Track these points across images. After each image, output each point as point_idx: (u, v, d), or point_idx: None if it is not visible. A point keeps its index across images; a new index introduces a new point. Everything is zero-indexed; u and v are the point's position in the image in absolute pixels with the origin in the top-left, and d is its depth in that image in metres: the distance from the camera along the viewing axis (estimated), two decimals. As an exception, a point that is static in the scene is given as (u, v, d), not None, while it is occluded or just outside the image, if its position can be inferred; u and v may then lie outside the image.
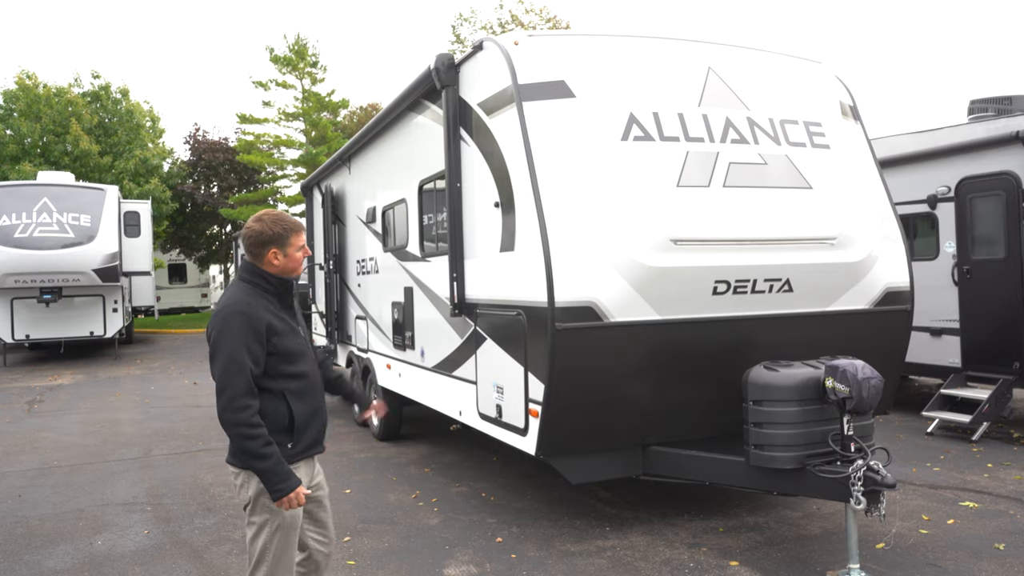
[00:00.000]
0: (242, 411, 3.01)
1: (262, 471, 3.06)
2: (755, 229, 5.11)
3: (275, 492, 3.06)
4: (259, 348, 3.08)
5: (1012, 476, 6.58)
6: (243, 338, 3.05)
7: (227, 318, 3.09)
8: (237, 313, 3.09)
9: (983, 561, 4.75)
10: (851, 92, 6.11)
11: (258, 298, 3.19)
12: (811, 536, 5.27)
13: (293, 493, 3.08)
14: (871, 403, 4.37)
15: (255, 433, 3.02)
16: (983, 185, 8.30)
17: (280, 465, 3.06)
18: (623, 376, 4.95)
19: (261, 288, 3.24)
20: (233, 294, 3.20)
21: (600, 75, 5.17)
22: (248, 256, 3.30)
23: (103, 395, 13.00)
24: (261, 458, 3.03)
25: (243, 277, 3.28)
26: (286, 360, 3.18)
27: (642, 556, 4.97)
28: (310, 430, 3.28)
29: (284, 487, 3.06)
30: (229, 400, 3.01)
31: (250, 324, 3.07)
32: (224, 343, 3.05)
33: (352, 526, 5.77)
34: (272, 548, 3.17)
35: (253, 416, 3.03)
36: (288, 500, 3.09)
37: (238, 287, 3.24)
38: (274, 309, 3.22)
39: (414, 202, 7.14)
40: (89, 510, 6.38)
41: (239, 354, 3.03)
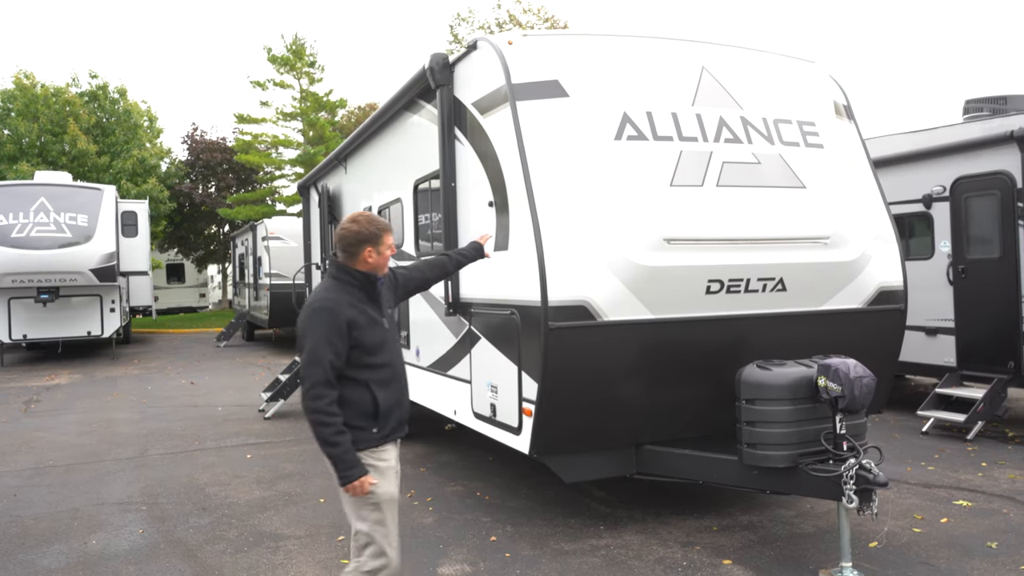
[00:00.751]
0: (318, 399, 3.24)
1: (331, 457, 3.28)
2: (748, 228, 5.13)
3: (342, 478, 3.28)
4: (340, 342, 3.28)
5: (1006, 475, 6.60)
6: (326, 333, 3.27)
7: (313, 313, 3.34)
8: (322, 309, 3.33)
9: (975, 560, 4.76)
10: (845, 92, 6.13)
11: (344, 294, 3.40)
12: (804, 535, 5.28)
13: (358, 481, 3.27)
14: (863, 402, 4.38)
15: (329, 421, 3.24)
16: (978, 185, 8.31)
17: (349, 454, 3.27)
18: (617, 375, 4.96)
19: (348, 284, 3.45)
20: (321, 291, 3.44)
21: (594, 74, 5.17)
22: (342, 255, 3.50)
23: (100, 395, 12.99)
24: (332, 445, 3.25)
25: (332, 274, 3.50)
26: (368, 352, 3.37)
27: (636, 555, 4.98)
28: (394, 415, 3.48)
29: (350, 475, 3.27)
30: (307, 389, 3.26)
31: (333, 320, 3.29)
32: (309, 336, 3.30)
33: (347, 525, 5.71)
34: (375, 525, 3.39)
35: (329, 405, 3.25)
36: (353, 487, 3.28)
37: (327, 284, 3.47)
38: (359, 304, 3.41)
39: (409, 202, 7.14)
40: (84, 509, 6.38)
41: (320, 347, 3.25)
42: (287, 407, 10.89)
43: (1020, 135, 7.73)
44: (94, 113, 27.89)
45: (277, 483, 7.02)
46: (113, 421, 10.47)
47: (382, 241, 3.50)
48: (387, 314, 3.57)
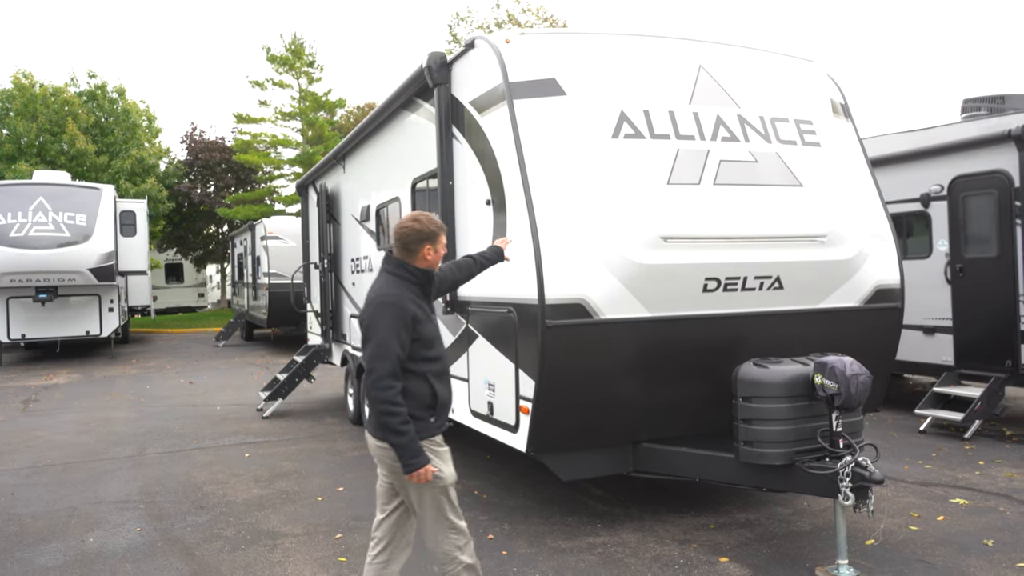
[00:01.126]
0: (386, 390, 3.35)
1: (398, 446, 3.38)
2: (745, 227, 5.13)
3: (407, 466, 3.39)
4: (406, 335, 3.42)
5: (1003, 473, 6.61)
6: (393, 326, 3.39)
7: (379, 308, 3.45)
8: (388, 304, 3.45)
9: (971, 557, 4.76)
10: (842, 90, 6.13)
11: (404, 290, 3.53)
12: (801, 532, 5.28)
13: (423, 469, 3.40)
14: (859, 399, 4.39)
15: (396, 411, 3.36)
16: (976, 184, 8.32)
17: (415, 442, 3.39)
18: (614, 373, 4.97)
19: (407, 280, 3.57)
20: (383, 286, 3.54)
21: (591, 73, 5.18)
22: (400, 252, 3.62)
23: (98, 394, 12.99)
24: (399, 434, 3.36)
25: (390, 271, 3.61)
26: (426, 345, 3.51)
27: (632, 552, 4.98)
28: (447, 406, 3.64)
29: (415, 463, 3.39)
30: (375, 380, 3.36)
31: (399, 314, 3.42)
32: (376, 330, 3.41)
33: (344, 523, 5.78)
34: (443, 502, 3.57)
35: (396, 395, 3.36)
36: (418, 475, 3.40)
37: (386, 280, 3.57)
38: (417, 299, 3.55)
39: (407, 200, 7.15)
40: (82, 508, 6.39)
41: (388, 340, 3.37)
42: (285, 406, 10.90)
43: (1017, 134, 7.74)
44: (93, 113, 27.85)
45: (275, 482, 7.03)
46: (111, 420, 10.47)
47: (439, 240, 3.65)
48: (434, 309, 3.73)
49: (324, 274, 10.42)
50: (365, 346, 3.46)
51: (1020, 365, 7.88)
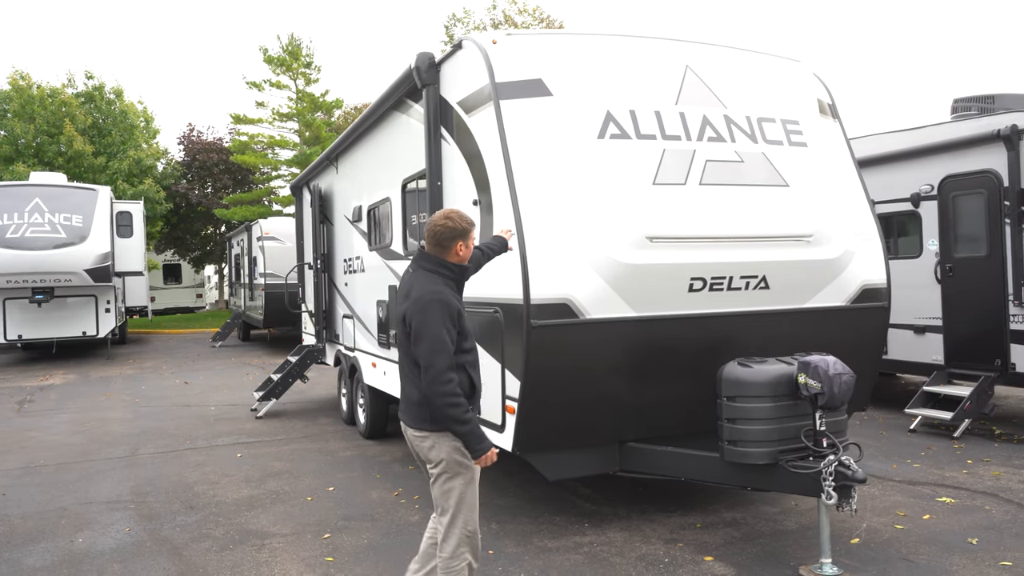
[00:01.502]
0: (447, 384, 3.45)
1: (465, 434, 3.51)
2: (731, 226, 5.15)
3: (475, 451, 3.53)
4: (453, 329, 3.54)
5: (991, 472, 6.63)
6: (443, 321, 3.49)
7: (427, 305, 3.52)
8: (436, 301, 3.53)
9: (955, 556, 4.78)
10: (830, 90, 6.15)
11: (445, 286, 3.63)
12: (787, 531, 5.30)
13: (490, 452, 3.55)
14: (842, 399, 4.41)
15: (459, 402, 3.47)
16: (965, 183, 8.34)
17: (478, 428, 3.53)
18: (599, 373, 4.98)
19: (445, 276, 3.67)
20: (426, 283, 3.62)
21: (577, 73, 5.20)
22: (435, 248, 3.72)
23: (93, 395, 13.01)
24: (464, 423, 3.49)
25: (428, 268, 3.69)
26: (465, 338, 3.63)
27: (618, 552, 5.00)
28: (481, 394, 3.78)
29: (482, 447, 3.53)
30: (436, 375, 3.44)
31: (447, 309, 3.52)
32: (428, 327, 3.48)
33: (333, 523, 5.80)
34: (467, 498, 3.64)
35: (456, 387, 3.47)
36: (485, 458, 3.55)
37: (427, 277, 3.65)
38: (456, 294, 3.68)
39: (398, 201, 7.16)
40: (72, 508, 6.40)
41: (440, 335, 3.46)
42: (279, 406, 10.92)
43: (1006, 134, 7.77)
44: (90, 114, 27.85)
45: (266, 482, 7.04)
46: (106, 420, 10.49)
47: (470, 236, 3.77)
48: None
49: (317, 275, 10.43)
50: (418, 344, 3.51)
51: (1009, 364, 7.90)
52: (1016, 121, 7.80)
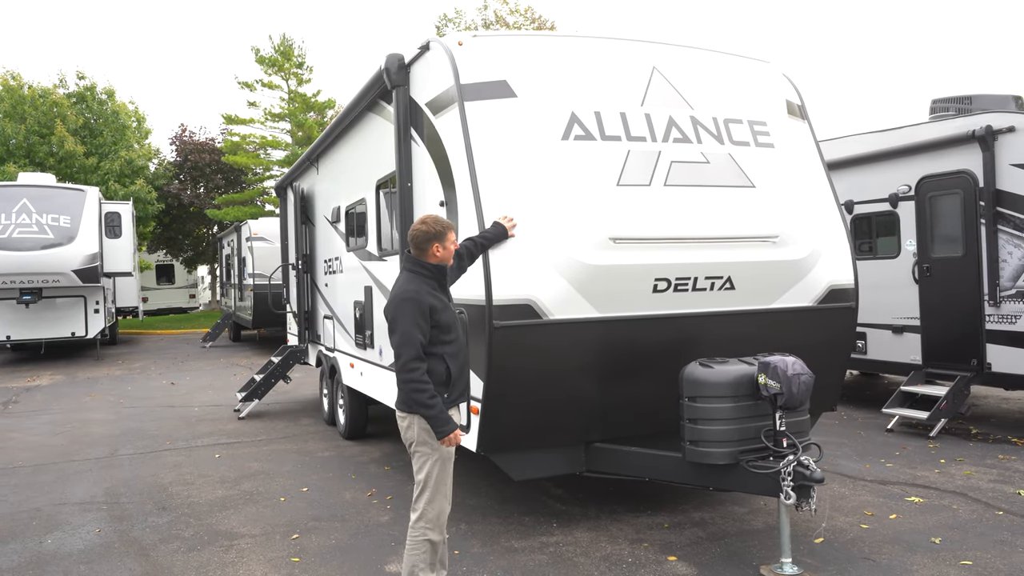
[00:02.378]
0: (413, 371, 3.90)
1: (430, 417, 3.92)
2: (696, 227, 5.17)
3: (439, 432, 3.93)
4: (425, 324, 3.94)
5: (962, 472, 6.65)
6: (412, 318, 3.92)
7: (400, 303, 3.98)
8: (407, 299, 3.97)
9: (916, 555, 4.80)
10: (799, 91, 6.17)
11: (421, 284, 4.04)
12: (753, 531, 5.32)
13: (452, 434, 3.95)
14: (801, 399, 4.43)
15: (423, 388, 3.89)
16: (942, 184, 8.37)
17: (443, 412, 3.93)
18: (564, 373, 5.00)
19: (423, 276, 4.08)
20: (403, 283, 4.09)
21: (542, 75, 5.21)
22: (415, 251, 4.13)
23: (79, 396, 13.00)
24: (429, 407, 3.90)
25: (408, 268, 4.15)
26: (443, 331, 4.02)
27: (583, 552, 5.02)
28: (459, 383, 4.14)
29: (446, 429, 3.93)
30: (403, 364, 3.92)
31: (417, 307, 3.94)
32: (399, 322, 3.94)
33: (303, 524, 5.81)
34: (434, 475, 4.00)
35: (422, 375, 3.91)
36: (448, 439, 3.95)
37: (406, 277, 4.12)
38: (433, 291, 4.05)
39: (372, 202, 7.18)
40: (45, 509, 6.40)
41: (410, 330, 3.91)
42: (263, 407, 10.93)
43: (981, 135, 7.79)
44: (82, 114, 27.84)
45: (241, 482, 7.05)
46: (88, 422, 10.49)
47: (446, 238, 4.12)
48: (451, 298, 4.25)
49: (300, 275, 10.44)
50: (392, 336, 3.98)
51: (985, 364, 7.93)
52: (991, 122, 7.83)
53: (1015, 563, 4.64)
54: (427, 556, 4.02)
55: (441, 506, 4.02)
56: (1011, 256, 7.69)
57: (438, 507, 4.01)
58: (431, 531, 4.01)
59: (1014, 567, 4.59)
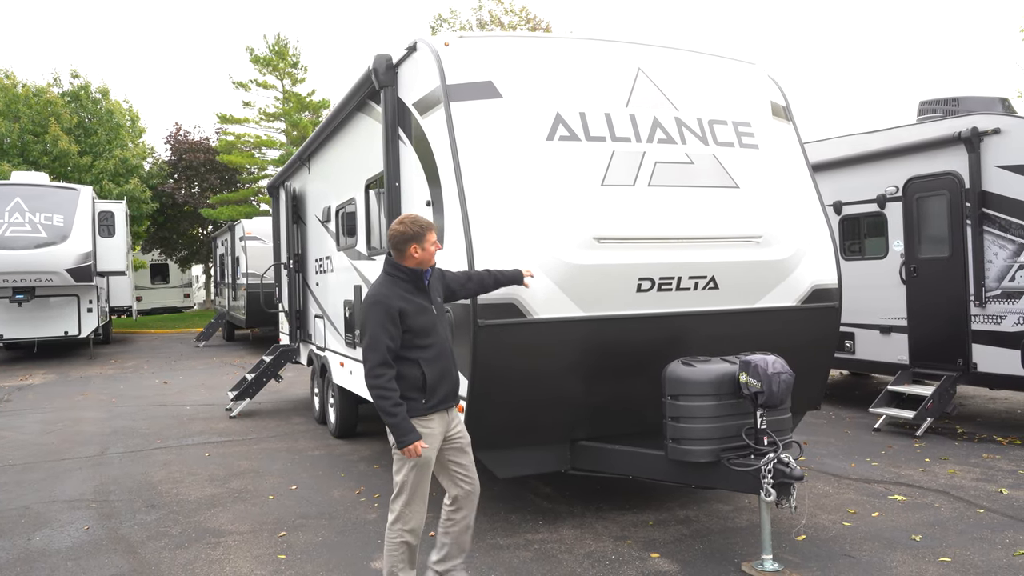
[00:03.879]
0: (379, 377, 3.86)
1: (390, 425, 3.88)
2: (680, 227, 5.21)
3: (399, 442, 3.88)
4: (394, 328, 3.89)
5: (946, 470, 6.70)
6: (380, 322, 3.87)
7: (369, 307, 3.95)
8: (376, 303, 3.94)
9: (896, 552, 4.85)
10: (784, 93, 6.22)
11: (394, 288, 3.99)
12: (736, 529, 5.37)
13: (412, 445, 3.86)
14: (781, 397, 4.47)
15: (388, 395, 3.85)
16: (928, 185, 8.43)
17: (405, 422, 3.86)
18: (548, 372, 5.04)
19: (398, 278, 4.03)
20: (376, 286, 4.05)
21: (528, 76, 5.25)
22: (393, 252, 4.07)
23: (71, 395, 13.01)
24: (391, 415, 3.86)
25: (385, 270, 4.09)
26: (418, 335, 3.96)
27: (568, 549, 5.06)
28: (440, 389, 4.04)
29: (405, 440, 3.86)
30: (369, 369, 3.88)
31: (386, 311, 3.89)
32: (367, 326, 3.91)
33: (291, 521, 5.84)
34: (410, 480, 4.00)
35: (388, 381, 3.85)
36: (408, 450, 3.87)
37: (381, 280, 4.07)
38: (407, 295, 3.99)
39: (362, 201, 7.21)
40: (34, 507, 6.43)
41: (378, 334, 3.86)
42: (255, 406, 10.95)
43: (967, 136, 7.85)
44: (76, 113, 27.81)
45: (230, 480, 7.08)
46: (79, 420, 10.50)
47: (425, 239, 4.04)
48: (435, 301, 4.15)
49: (291, 274, 10.47)
50: (362, 340, 3.97)
51: (971, 364, 7.99)
52: (977, 123, 7.89)
53: (993, 560, 4.70)
54: (405, 556, 4.07)
55: (416, 509, 4.04)
56: (996, 257, 7.75)
57: (414, 510, 4.04)
58: (407, 534, 4.05)
59: (992, 564, 4.64)
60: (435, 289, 4.22)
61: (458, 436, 4.20)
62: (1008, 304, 7.66)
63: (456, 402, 4.20)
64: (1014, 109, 8.94)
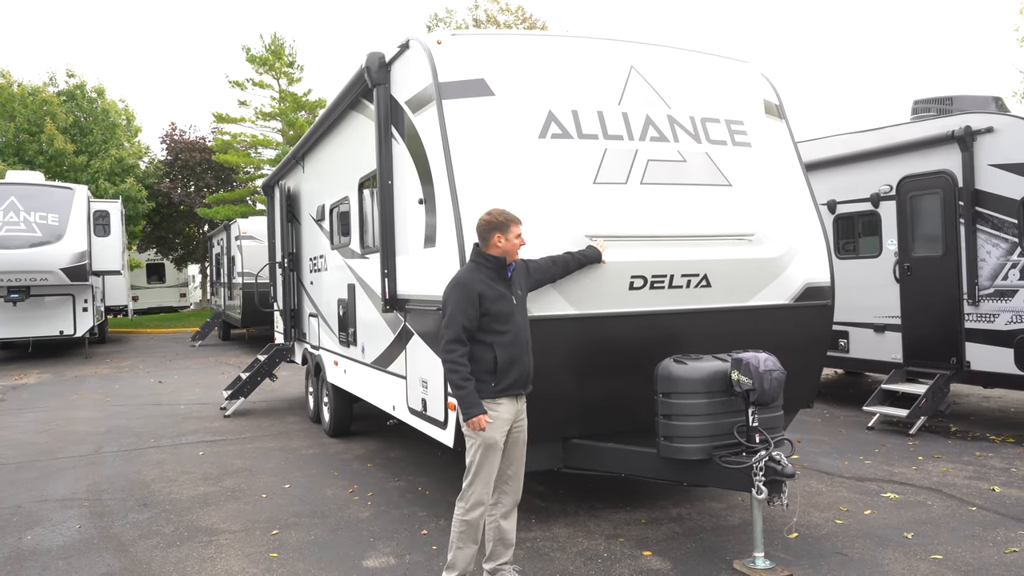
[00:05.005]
0: (451, 352, 4.11)
1: (458, 398, 4.13)
2: (672, 225, 5.21)
3: (464, 414, 4.12)
4: (472, 310, 4.13)
5: (939, 468, 6.71)
6: (460, 302, 4.13)
7: (451, 288, 4.21)
8: (458, 284, 4.21)
9: (888, 549, 4.86)
10: (777, 91, 6.22)
11: (477, 273, 4.23)
12: (729, 526, 5.37)
13: (475, 419, 4.09)
14: (773, 395, 4.47)
15: (458, 369, 4.10)
16: (922, 184, 8.44)
17: (472, 396, 4.10)
18: (541, 370, 5.01)
19: (482, 265, 4.26)
20: (461, 271, 4.34)
21: (520, 73, 5.25)
22: (479, 241, 4.31)
23: (66, 394, 12.98)
24: (458, 388, 4.11)
25: (472, 257, 4.34)
26: (496, 320, 4.18)
27: (560, 547, 5.06)
28: (511, 374, 4.23)
29: (470, 412, 4.10)
30: (444, 344, 4.14)
31: (465, 293, 4.14)
32: (448, 304, 4.17)
33: (283, 520, 5.83)
34: (476, 461, 4.21)
35: (460, 357, 4.10)
36: (472, 423, 4.11)
37: (467, 265, 4.35)
38: (489, 281, 4.21)
39: (355, 200, 7.20)
40: (27, 506, 6.41)
41: (456, 312, 4.12)
42: (249, 405, 10.94)
43: (960, 135, 7.86)
44: (71, 112, 27.77)
45: (223, 479, 7.07)
46: (74, 420, 10.48)
47: (509, 230, 4.24)
48: (516, 292, 4.32)
49: (286, 273, 10.46)
50: (442, 319, 4.20)
51: (964, 362, 8.00)
52: (970, 122, 7.90)
53: (984, 557, 4.70)
54: (467, 535, 4.24)
55: (478, 490, 4.21)
56: (989, 256, 7.76)
57: (476, 491, 4.21)
58: (469, 512, 4.22)
59: (983, 561, 4.64)
60: (518, 282, 4.38)
61: (518, 426, 4.38)
62: (1001, 302, 7.67)
63: (527, 389, 4.37)
64: (1007, 108, 8.96)
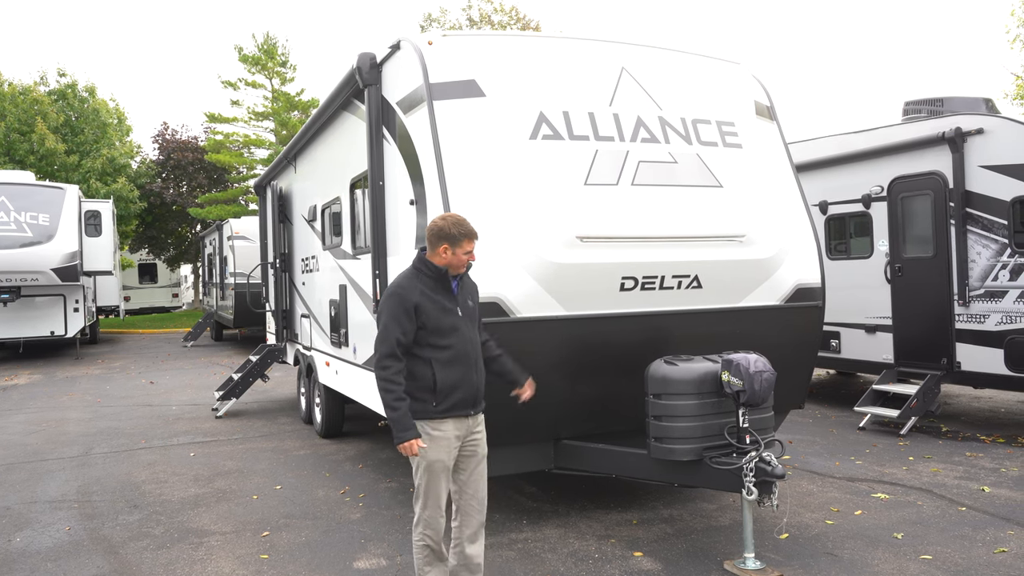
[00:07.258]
0: (385, 369, 3.79)
1: (389, 419, 3.81)
2: (663, 226, 5.22)
3: (396, 438, 3.79)
4: (408, 322, 3.79)
5: (929, 468, 6.73)
6: (394, 314, 3.80)
7: (386, 297, 3.90)
8: (393, 295, 3.86)
9: (878, 550, 4.87)
10: (768, 92, 6.23)
11: (416, 281, 3.88)
12: (720, 527, 5.37)
13: (408, 443, 3.77)
14: (763, 396, 4.48)
15: (392, 388, 3.77)
16: (913, 185, 8.47)
17: (405, 418, 3.77)
18: (532, 371, 4.99)
19: (422, 273, 3.91)
20: (397, 278, 3.97)
21: (511, 75, 5.25)
22: (427, 245, 3.95)
23: (56, 395, 12.92)
24: (392, 409, 3.78)
25: (413, 263, 3.99)
26: (434, 334, 3.83)
27: (551, 548, 5.05)
28: (454, 394, 3.88)
29: (402, 436, 3.77)
30: (377, 359, 3.82)
31: (400, 303, 3.80)
32: (382, 316, 3.86)
33: (274, 521, 5.81)
34: (423, 483, 3.91)
35: (393, 374, 3.78)
36: (404, 447, 3.78)
37: (406, 272, 3.97)
38: (429, 292, 3.86)
39: (347, 200, 7.19)
40: (15, 508, 6.38)
41: (390, 326, 3.79)
42: (241, 406, 10.90)
43: (951, 136, 7.89)
44: (63, 112, 27.62)
45: (214, 480, 7.04)
46: (64, 421, 10.43)
47: (460, 244, 3.88)
48: (464, 304, 3.98)
49: (278, 274, 10.43)
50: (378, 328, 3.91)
51: (955, 363, 8.03)
52: (961, 124, 7.93)
53: (974, 557, 4.72)
54: (428, 557, 3.98)
55: (432, 515, 3.92)
56: (980, 256, 7.79)
57: (431, 515, 3.92)
58: (428, 537, 3.94)
59: (972, 561, 4.66)
60: (466, 293, 4.05)
61: (472, 443, 4.05)
62: (991, 303, 7.70)
63: (477, 410, 4.03)
64: (998, 109, 9.00)
